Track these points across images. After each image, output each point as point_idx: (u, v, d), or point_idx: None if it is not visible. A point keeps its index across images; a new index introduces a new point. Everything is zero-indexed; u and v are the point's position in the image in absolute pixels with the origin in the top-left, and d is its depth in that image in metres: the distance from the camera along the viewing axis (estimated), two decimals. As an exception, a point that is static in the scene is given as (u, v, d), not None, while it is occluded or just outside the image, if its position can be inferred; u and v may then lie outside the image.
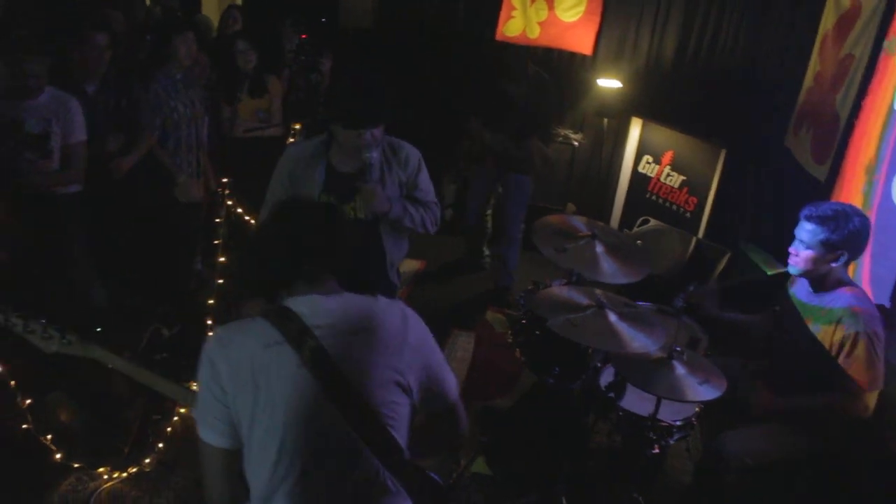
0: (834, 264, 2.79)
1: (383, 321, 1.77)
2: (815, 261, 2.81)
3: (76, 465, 3.29)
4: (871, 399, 2.76)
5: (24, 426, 3.19)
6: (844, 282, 2.86)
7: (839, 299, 2.82)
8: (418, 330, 1.84)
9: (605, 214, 6.23)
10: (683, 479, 3.58)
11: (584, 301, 2.96)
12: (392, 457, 1.77)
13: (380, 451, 1.75)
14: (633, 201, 6.06)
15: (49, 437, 3.26)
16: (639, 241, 5.40)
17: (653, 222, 5.60)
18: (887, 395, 2.99)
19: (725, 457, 2.92)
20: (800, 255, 2.85)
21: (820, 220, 2.76)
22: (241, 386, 1.66)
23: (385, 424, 1.74)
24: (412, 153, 2.98)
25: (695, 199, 5.59)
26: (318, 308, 1.72)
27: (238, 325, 1.74)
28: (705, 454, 3.16)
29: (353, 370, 1.70)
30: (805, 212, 2.83)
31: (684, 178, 5.66)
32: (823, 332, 2.81)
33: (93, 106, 3.91)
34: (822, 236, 2.75)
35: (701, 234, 5.50)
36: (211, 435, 1.69)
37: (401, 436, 1.79)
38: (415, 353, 1.80)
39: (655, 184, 5.87)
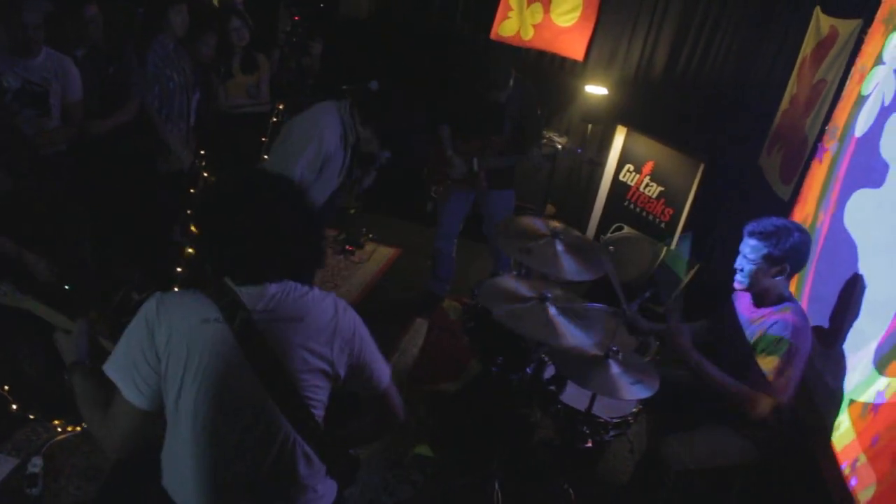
0: (777, 277, 2.89)
1: (316, 312, 1.86)
2: (759, 274, 2.91)
3: (31, 417, 3.39)
4: (768, 404, 2.84)
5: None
6: (785, 297, 2.95)
7: (777, 310, 2.92)
8: (349, 321, 1.93)
9: (584, 220, 6.32)
10: (623, 479, 3.68)
11: (529, 294, 3.04)
12: (310, 429, 1.88)
13: (300, 428, 1.86)
14: (612, 208, 6.14)
15: (6, 387, 3.36)
16: (611, 247, 5.50)
17: (626, 229, 5.70)
18: (819, 412, 3.09)
19: (664, 458, 3.01)
20: (744, 271, 2.95)
21: (762, 236, 2.86)
22: (174, 356, 1.73)
23: (307, 405, 1.85)
24: None
25: (671, 211, 5.68)
26: (258, 292, 1.81)
27: (179, 296, 1.80)
28: (646, 454, 3.25)
29: (284, 354, 1.80)
30: (748, 228, 2.94)
31: (662, 188, 5.75)
32: (756, 338, 2.92)
33: (80, 70, 4.01)
34: (764, 251, 2.86)
35: (674, 245, 5.59)
36: (135, 395, 1.76)
37: (319, 415, 1.90)
38: (345, 344, 1.90)
39: (634, 193, 5.96)
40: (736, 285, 3.03)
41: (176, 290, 1.83)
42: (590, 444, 3.12)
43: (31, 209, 3.63)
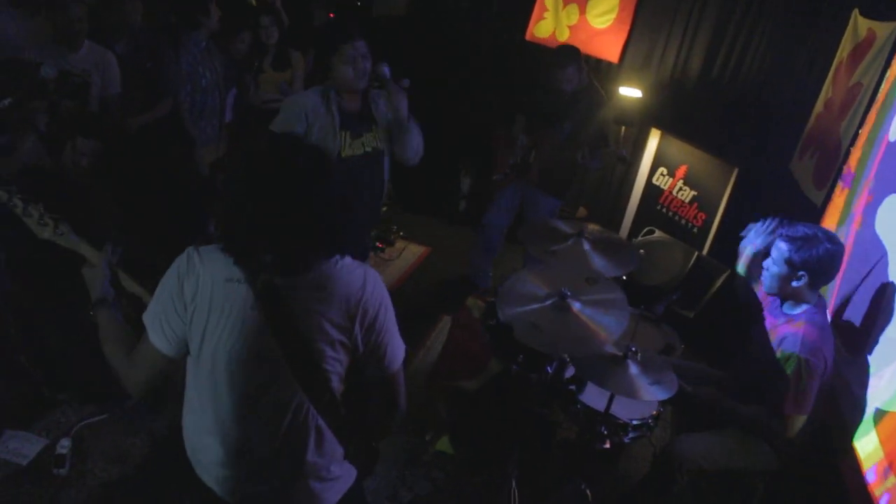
0: (794, 284, 2.84)
1: (342, 283, 1.85)
2: (779, 278, 2.87)
3: (61, 398, 3.48)
4: (795, 422, 2.82)
5: (16, 356, 3.39)
6: (808, 305, 2.89)
7: (794, 320, 2.88)
8: (377, 296, 1.91)
9: (616, 223, 6.28)
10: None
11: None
12: (325, 402, 1.89)
13: (314, 397, 1.87)
14: (644, 212, 6.09)
15: (39, 371, 3.45)
16: (641, 251, 5.46)
17: (658, 233, 5.64)
18: (845, 423, 3.03)
19: (678, 457, 2.99)
20: (768, 271, 2.92)
21: (788, 239, 2.82)
22: (199, 309, 1.78)
23: (323, 375, 1.86)
24: (391, 84, 3.36)
25: (703, 216, 5.62)
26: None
27: (208, 253, 1.80)
28: (661, 453, 3.23)
29: (303, 321, 1.81)
30: (780, 229, 2.91)
31: (696, 193, 5.68)
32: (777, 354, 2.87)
33: (120, 64, 4.11)
34: (786, 255, 2.81)
35: (706, 250, 5.52)
36: (161, 342, 1.81)
37: (336, 387, 1.91)
38: (368, 318, 1.89)
39: (667, 197, 5.90)
40: (763, 287, 3.00)
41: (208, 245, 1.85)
42: (608, 446, 3.10)
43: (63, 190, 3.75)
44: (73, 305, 3.86)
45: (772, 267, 2.89)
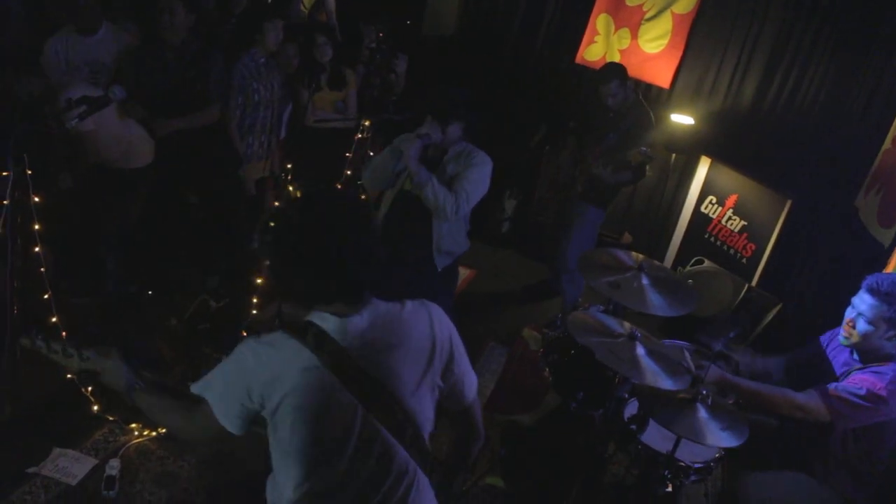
0: (882, 339, 2.72)
1: (412, 331, 1.81)
2: (871, 334, 2.74)
3: (111, 418, 3.46)
4: (815, 411, 2.74)
5: (68, 376, 3.37)
6: (894, 356, 2.78)
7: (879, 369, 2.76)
8: (445, 330, 1.87)
9: (661, 250, 6.17)
10: (698, 523, 3.55)
11: (617, 330, 2.97)
12: (425, 459, 1.85)
13: (417, 455, 1.82)
14: (691, 240, 5.98)
15: (90, 388, 3.43)
16: (690, 281, 5.36)
17: (707, 263, 5.55)
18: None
19: (744, 497, 2.89)
20: (857, 328, 2.78)
21: (883, 297, 2.68)
22: (275, 405, 1.68)
23: (420, 433, 1.81)
24: (477, 155, 3.46)
25: (753, 246, 5.51)
26: (350, 327, 1.72)
27: (272, 346, 1.71)
28: (723, 494, 3.12)
29: (390, 383, 1.74)
30: (867, 282, 2.75)
31: (745, 223, 5.58)
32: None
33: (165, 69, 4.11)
34: (885, 313, 2.68)
35: (755, 282, 5.42)
36: (230, 424, 1.73)
37: (426, 437, 1.86)
38: (442, 356, 1.85)
39: (716, 226, 5.80)
40: (841, 340, 2.87)
41: (264, 336, 1.75)
42: (669, 489, 3.01)
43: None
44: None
45: (860, 323, 2.75)
